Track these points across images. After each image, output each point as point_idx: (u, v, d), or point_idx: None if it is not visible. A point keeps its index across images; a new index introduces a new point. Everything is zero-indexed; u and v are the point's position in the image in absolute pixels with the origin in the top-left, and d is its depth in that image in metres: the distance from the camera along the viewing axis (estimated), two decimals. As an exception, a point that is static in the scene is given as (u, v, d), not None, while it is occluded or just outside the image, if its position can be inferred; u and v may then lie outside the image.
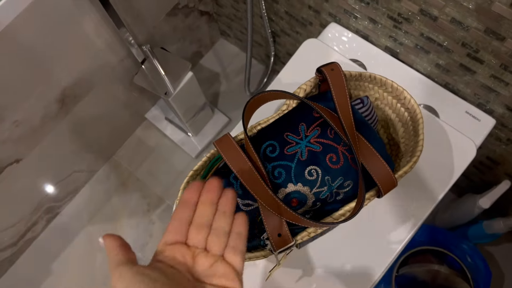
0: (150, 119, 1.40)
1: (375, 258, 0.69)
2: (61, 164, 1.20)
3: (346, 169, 0.56)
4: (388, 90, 0.65)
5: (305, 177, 0.55)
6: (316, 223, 0.50)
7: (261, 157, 0.56)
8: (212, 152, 0.60)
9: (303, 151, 0.55)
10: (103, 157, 1.38)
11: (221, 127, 1.39)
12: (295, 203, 0.55)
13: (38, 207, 1.23)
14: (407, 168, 0.58)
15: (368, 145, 0.55)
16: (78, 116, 1.10)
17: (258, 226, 0.55)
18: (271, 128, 0.59)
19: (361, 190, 0.52)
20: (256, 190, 0.51)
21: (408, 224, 0.71)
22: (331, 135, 0.56)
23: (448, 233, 0.99)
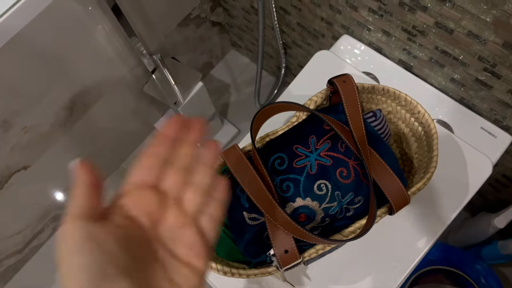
0: (159, 128, 1.40)
1: (385, 277, 0.67)
2: (68, 172, 1.20)
3: (357, 184, 0.54)
4: (402, 103, 0.63)
5: (314, 192, 0.53)
6: (324, 240, 0.48)
7: (269, 170, 0.54)
8: (218, 163, 0.58)
9: (313, 165, 0.54)
10: (111, 166, 1.37)
11: (230, 138, 1.38)
12: (303, 218, 0.53)
13: (44, 214, 1.22)
14: (421, 184, 0.56)
15: (381, 160, 0.53)
16: (87, 124, 1.09)
17: (265, 242, 0.53)
18: (280, 140, 0.58)
19: (372, 206, 0.50)
20: (263, 204, 0.50)
21: (420, 242, 0.68)
22: (342, 149, 0.54)
23: (461, 253, 0.96)
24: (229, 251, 0.57)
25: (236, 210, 0.55)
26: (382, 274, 0.67)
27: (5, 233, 1.13)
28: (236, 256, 0.58)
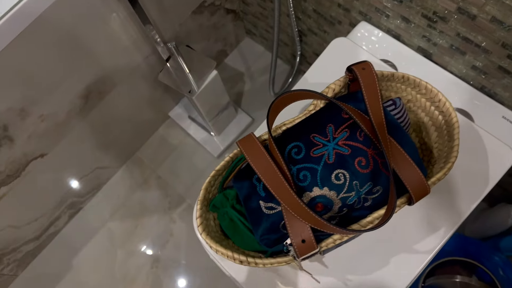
0: (173, 117, 1.40)
1: (401, 269, 0.66)
2: (84, 160, 1.21)
3: (375, 174, 0.53)
4: (422, 92, 0.61)
5: (331, 181, 0.52)
6: (342, 230, 0.47)
7: (286, 159, 0.54)
8: (235, 152, 0.58)
9: (331, 154, 0.53)
10: (126, 154, 1.38)
11: (244, 127, 1.37)
12: (320, 208, 0.53)
13: (61, 201, 1.24)
14: (441, 174, 0.55)
15: (400, 150, 0.52)
16: (102, 112, 1.10)
17: (281, 231, 0.53)
18: (296, 129, 0.57)
19: (392, 196, 0.49)
20: (280, 193, 0.49)
21: (438, 233, 0.67)
22: (360, 138, 0.53)
23: (479, 244, 0.94)
24: (246, 240, 0.57)
25: (253, 199, 0.54)
26: (398, 265, 0.66)
27: (23, 220, 1.14)
28: (252, 245, 0.57)
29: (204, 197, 0.56)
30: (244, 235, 0.57)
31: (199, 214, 0.55)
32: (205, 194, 0.56)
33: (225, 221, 0.58)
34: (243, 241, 0.58)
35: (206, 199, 0.57)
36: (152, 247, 1.30)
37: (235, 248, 0.55)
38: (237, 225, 0.57)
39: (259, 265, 0.51)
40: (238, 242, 0.57)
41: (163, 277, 1.26)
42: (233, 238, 0.58)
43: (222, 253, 0.52)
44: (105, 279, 1.29)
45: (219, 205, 0.58)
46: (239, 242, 0.57)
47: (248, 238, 0.57)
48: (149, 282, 1.27)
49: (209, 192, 0.58)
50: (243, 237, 0.57)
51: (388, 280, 0.66)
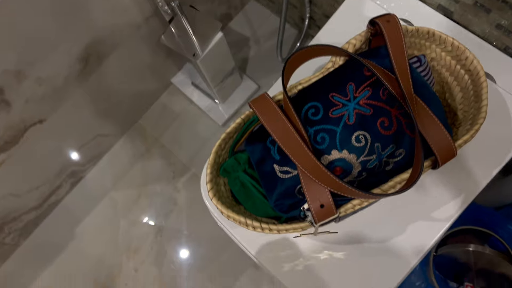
0: (176, 84, 1.35)
1: (417, 237, 0.63)
2: (85, 127, 1.17)
3: (399, 135, 0.49)
4: (448, 49, 0.57)
5: (351, 144, 0.48)
6: (365, 194, 0.44)
7: (302, 121, 0.50)
8: (246, 113, 0.54)
9: (351, 114, 0.49)
10: (127, 122, 1.34)
11: (249, 94, 1.32)
12: (339, 172, 0.49)
13: (62, 170, 1.21)
14: (468, 137, 0.51)
15: (427, 109, 0.48)
16: (102, 76, 1.05)
17: (297, 196, 0.50)
18: (314, 88, 0.53)
19: (419, 159, 0.46)
20: (297, 155, 0.46)
21: (457, 200, 0.64)
22: (383, 97, 0.49)
23: (492, 213, 0.92)
24: (258, 206, 0.54)
25: (267, 163, 0.51)
26: (414, 233, 0.63)
27: (23, 188, 1.12)
28: (265, 210, 0.54)
29: (215, 161, 0.53)
30: (257, 201, 0.54)
31: (210, 179, 0.52)
32: (215, 157, 0.53)
33: (237, 186, 0.54)
34: (255, 206, 0.54)
35: (217, 163, 0.54)
36: (155, 217, 1.28)
37: (247, 214, 0.52)
38: (249, 190, 0.54)
39: (273, 231, 0.48)
40: (250, 208, 0.54)
41: (167, 247, 1.25)
42: (244, 204, 0.55)
43: (234, 219, 0.49)
44: (108, 249, 1.27)
45: (230, 170, 0.55)
46: (251, 208, 0.54)
47: (261, 204, 0.54)
48: (153, 252, 1.25)
49: (220, 156, 0.54)
50: (255, 203, 0.54)
51: (404, 249, 0.63)
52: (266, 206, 0.53)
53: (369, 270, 0.63)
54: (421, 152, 0.46)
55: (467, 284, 0.88)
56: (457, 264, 0.89)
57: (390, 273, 0.63)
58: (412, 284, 0.89)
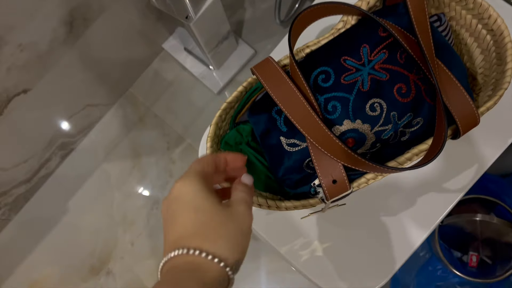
0: (168, 49, 1.28)
1: (429, 208, 0.60)
2: (73, 97, 1.11)
3: (417, 103, 0.45)
4: (469, 6, 0.52)
5: (366, 113, 0.44)
6: (383, 168, 0.40)
7: (311, 88, 0.45)
8: (249, 80, 0.49)
9: (365, 80, 0.44)
10: (118, 91, 1.28)
11: (246, 60, 1.26)
12: (351, 143, 0.45)
13: (51, 142, 1.16)
14: (491, 103, 0.47)
15: (450, 75, 0.44)
16: (89, 42, 0.98)
17: (305, 171, 0.46)
18: (323, 51, 0.48)
19: (442, 128, 0.41)
20: (306, 126, 0.41)
21: (470, 170, 0.61)
22: (401, 60, 0.45)
23: (499, 181, 0.89)
24: (263, 181, 0.50)
25: (272, 135, 0.46)
26: (424, 206, 0.60)
27: (10, 161, 1.07)
28: (271, 186, 0.51)
29: (215, 133, 0.48)
30: (261, 176, 0.50)
31: (210, 153, 0.47)
32: (215, 130, 0.48)
33: None
34: (260, 182, 0.51)
35: (217, 136, 0.49)
36: (151, 189, 1.25)
37: (253, 190, 0.49)
38: (253, 164, 0.50)
39: (281, 209, 0.44)
40: (255, 184, 0.50)
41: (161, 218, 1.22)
42: None
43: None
44: (103, 221, 1.24)
45: (232, 143, 0.50)
46: (255, 183, 0.50)
47: (266, 179, 0.50)
48: (150, 224, 1.23)
49: (220, 128, 0.50)
50: (260, 178, 0.50)
51: (414, 222, 0.60)
52: (272, 181, 0.50)
53: (379, 245, 0.61)
54: (444, 120, 0.41)
55: (472, 254, 0.86)
56: (463, 233, 0.87)
57: (400, 247, 0.60)
58: (417, 255, 0.87)
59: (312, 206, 0.45)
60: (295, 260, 0.62)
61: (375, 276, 0.60)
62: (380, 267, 0.60)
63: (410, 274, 0.88)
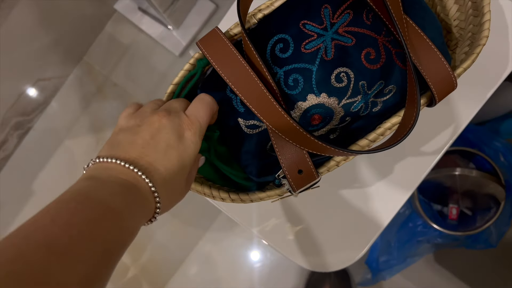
0: (120, 10, 1.17)
1: (407, 173, 0.57)
2: (20, 72, 1.02)
3: (388, 68, 0.40)
4: None
5: (331, 85, 0.39)
6: (350, 152, 0.35)
7: (269, 60, 0.39)
8: (195, 56, 0.42)
9: (328, 47, 0.38)
10: (71, 61, 1.18)
11: (207, 15, 1.16)
12: (318, 120, 0.40)
13: (3, 123, 1.07)
14: (469, 62, 0.42)
15: (421, 34, 0.38)
16: (28, 10, 0.88)
17: (269, 154, 0.41)
18: (279, 16, 0.41)
19: (414, 98, 0.36)
20: (262, 109, 0.36)
21: (448, 130, 0.57)
22: (368, 21, 0.39)
23: (477, 129, 0.86)
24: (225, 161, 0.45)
25: (229, 116, 0.41)
26: (402, 172, 0.57)
27: (-40, 149, 0.99)
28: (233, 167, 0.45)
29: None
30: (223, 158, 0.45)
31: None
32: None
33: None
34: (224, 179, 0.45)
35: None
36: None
37: (212, 183, 0.43)
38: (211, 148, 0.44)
39: (246, 202, 0.40)
40: (209, 173, 0.45)
41: (137, 192, 1.17)
42: (204, 169, 0.46)
43: (197, 191, 0.40)
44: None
45: None
46: (209, 173, 0.45)
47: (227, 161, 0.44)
48: (122, 198, 1.18)
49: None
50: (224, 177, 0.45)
51: (393, 188, 0.57)
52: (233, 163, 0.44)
53: (355, 216, 0.57)
54: (416, 86, 0.36)
55: (451, 206, 0.85)
56: (442, 187, 0.85)
57: (377, 216, 0.58)
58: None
59: (280, 196, 0.41)
60: (271, 240, 0.58)
61: (353, 248, 0.58)
62: (358, 238, 0.58)
63: (391, 231, 0.87)
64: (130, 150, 0.31)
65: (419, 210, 0.81)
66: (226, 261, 1.15)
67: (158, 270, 1.16)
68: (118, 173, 0.29)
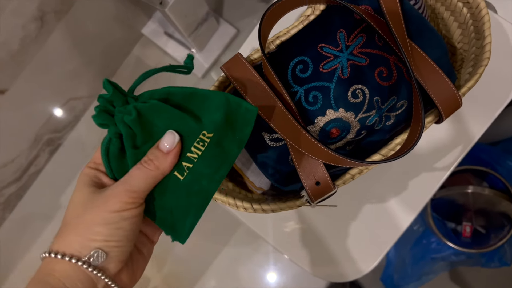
0: (147, 35, 1.24)
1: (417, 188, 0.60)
2: (54, 92, 1.09)
3: (400, 85, 0.44)
4: (442, -21, 0.50)
5: (348, 100, 0.43)
6: (363, 163, 0.39)
7: (290, 79, 0.43)
8: (220, 79, 0.47)
9: (344, 67, 0.43)
10: (100, 81, 1.25)
11: (228, 39, 1.23)
12: (336, 133, 0.44)
13: (36, 139, 1.14)
14: (473, 82, 0.46)
15: (425, 56, 0.42)
16: (64, 35, 0.95)
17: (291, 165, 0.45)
18: (298, 40, 0.46)
19: (418, 116, 0.40)
20: (282, 126, 0.40)
21: (457, 147, 0.60)
22: (380, 43, 0.43)
23: (490, 149, 0.88)
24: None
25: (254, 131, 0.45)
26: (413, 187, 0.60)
27: (-3, 163, 1.06)
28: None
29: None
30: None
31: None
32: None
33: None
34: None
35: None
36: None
37: (236, 192, 0.47)
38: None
39: (267, 211, 0.43)
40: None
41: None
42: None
43: (222, 201, 0.44)
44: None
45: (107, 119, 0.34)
46: None
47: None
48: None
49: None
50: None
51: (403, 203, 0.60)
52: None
53: (368, 228, 0.60)
54: (420, 101, 0.40)
55: (465, 224, 0.87)
56: (455, 205, 0.87)
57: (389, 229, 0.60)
58: (411, 228, 0.88)
59: (298, 207, 0.44)
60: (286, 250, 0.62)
61: (365, 260, 0.61)
62: (370, 250, 0.60)
63: (405, 248, 0.89)
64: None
65: (433, 227, 0.83)
66: (244, 276, 1.18)
67: (178, 283, 1.19)
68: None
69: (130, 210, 0.30)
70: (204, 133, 0.34)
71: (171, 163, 0.32)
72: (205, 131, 0.34)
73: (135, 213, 0.30)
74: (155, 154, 0.32)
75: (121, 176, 0.32)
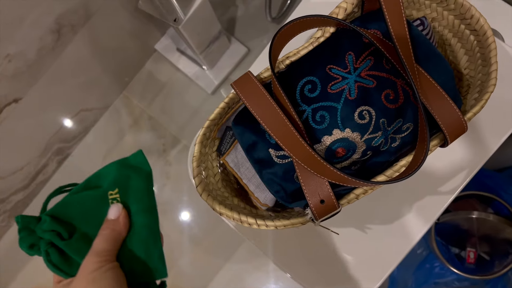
0: (160, 50, 1.27)
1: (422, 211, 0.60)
2: (66, 103, 1.11)
3: (406, 108, 0.44)
4: (450, 7, 0.51)
5: (354, 121, 0.44)
6: (368, 183, 0.39)
7: (298, 98, 0.45)
8: (230, 96, 0.48)
9: (352, 88, 0.44)
10: (111, 94, 1.27)
11: (239, 58, 1.25)
12: (342, 153, 0.45)
13: (46, 148, 1.16)
14: (478, 108, 0.46)
15: (432, 81, 0.43)
16: (79, 48, 0.98)
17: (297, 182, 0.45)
18: (307, 61, 0.47)
19: (424, 139, 0.41)
20: (289, 144, 0.41)
21: (463, 171, 0.60)
22: (387, 66, 0.44)
23: (495, 176, 0.89)
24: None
25: (259, 147, 0.46)
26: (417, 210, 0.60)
27: (6, 170, 1.07)
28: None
29: (200, 152, 0.48)
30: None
31: (196, 173, 0.47)
32: (200, 149, 0.48)
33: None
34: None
35: (203, 154, 0.49)
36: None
37: (241, 207, 0.48)
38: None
39: (270, 227, 0.44)
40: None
41: (163, 221, 1.22)
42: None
43: (227, 216, 0.44)
44: (103, 225, 1.24)
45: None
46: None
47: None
48: (149, 226, 1.23)
49: (205, 146, 0.49)
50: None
51: (407, 225, 0.60)
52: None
53: (372, 247, 0.60)
54: (425, 125, 0.41)
55: (469, 250, 0.86)
56: (460, 230, 0.87)
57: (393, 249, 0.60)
58: (414, 252, 0.87)
59: (302, 224, 0.45)
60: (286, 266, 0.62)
61: (368, 280, 0.60)
62: (373, 271, 0.60)
63: (408, 272, 0.88)
64: None
65: (436, 252, 0.82)
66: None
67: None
68: None
69: (106, 265, 0.35)
70: (111, 193, 0.41)
71: (124, 223, 0.39)
72: (110, 191, 0.41)
73: (112, 266, 0.36)
74: (108, 222, 0.38)
75: (77, 269, 0.37)
